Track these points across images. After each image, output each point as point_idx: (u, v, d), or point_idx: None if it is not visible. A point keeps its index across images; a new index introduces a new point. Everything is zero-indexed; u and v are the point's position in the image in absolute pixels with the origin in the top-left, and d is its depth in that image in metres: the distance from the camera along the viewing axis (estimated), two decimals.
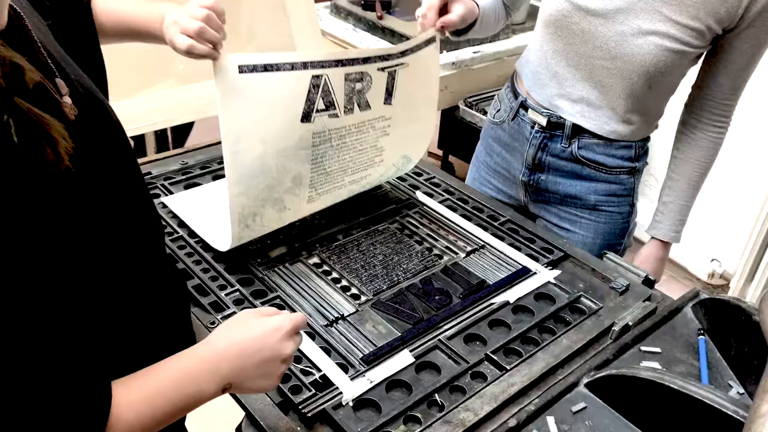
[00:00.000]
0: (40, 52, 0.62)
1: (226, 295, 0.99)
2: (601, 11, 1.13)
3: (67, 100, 0.61)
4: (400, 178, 1.34)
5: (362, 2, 2.23)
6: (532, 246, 1.15)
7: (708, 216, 2.33)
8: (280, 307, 0.98)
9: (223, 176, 1.27)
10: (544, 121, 1.27)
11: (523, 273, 1.08)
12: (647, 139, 1.29)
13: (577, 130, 1.25)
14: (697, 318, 1.00)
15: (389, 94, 1.10)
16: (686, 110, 1.24)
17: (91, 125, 0.64)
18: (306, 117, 1.00)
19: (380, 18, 2.13)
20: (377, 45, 2.08)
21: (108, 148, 0.66)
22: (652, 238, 1.29)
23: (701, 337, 0.96)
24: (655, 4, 1.10)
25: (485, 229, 1.20)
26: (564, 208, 1.34)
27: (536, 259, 1.12)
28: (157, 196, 1.22)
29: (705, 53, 1.17)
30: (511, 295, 1.03)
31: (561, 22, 1.18)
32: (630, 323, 0.97)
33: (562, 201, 1.33)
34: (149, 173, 1.28)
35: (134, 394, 0.61)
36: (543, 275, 1.08)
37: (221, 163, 1.33)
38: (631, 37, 1.12)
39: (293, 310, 0.97)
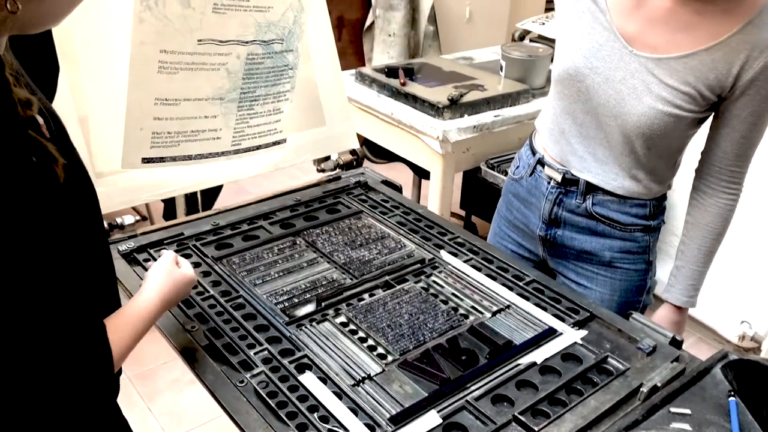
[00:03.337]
0: (20, 74, 0.68)
1: (255, 354, 1.01)
2: (602, 70, 1.18)
3: (40, 118, 0.69)
4: (424, 237, 1.36)
5: (386, 69, 2.31)
6: (557, 306, 1.16)
7: (737, 277, 2.30)
8: (308, 367, 0.99)
9: (253, 237, 1.32)
10: (559, 177, 1.30)
11: (550, 333, 1.08)
12: (663, 197, 1.31)
13: (591, 187, 1.27)
14: (726, 379, 0.99)
15: None
16: (697, 176, 1.25)
17: (57, 138, 0.71)
18: None
19: (403, 84, 2.20)
20: (401, 110, 2.15)
21: (68, 155, 0.74)
22: (666, 301, 1.29)
23: (732, 398, 0.95)
24: (649, 66, 1.14)
25: (510, 288, 1.20)
26: (580, 264, 1.35)
27: (562, 320, 1.12)
28: (189, 256, 1.26)
29: (711, 120, 1.19)
30: (538, 355, 1.03)
31: (567, 81, 1.23)
32: (659, 384, 0.96)
33: (578, 256, 1.34)
34: (182, 234, 1.32)
35: (118, 331, 0.79)
36: (569, 336, 1.08)
37: (251, 223, 1.37)
38: (628, 97, 1.16)
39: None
